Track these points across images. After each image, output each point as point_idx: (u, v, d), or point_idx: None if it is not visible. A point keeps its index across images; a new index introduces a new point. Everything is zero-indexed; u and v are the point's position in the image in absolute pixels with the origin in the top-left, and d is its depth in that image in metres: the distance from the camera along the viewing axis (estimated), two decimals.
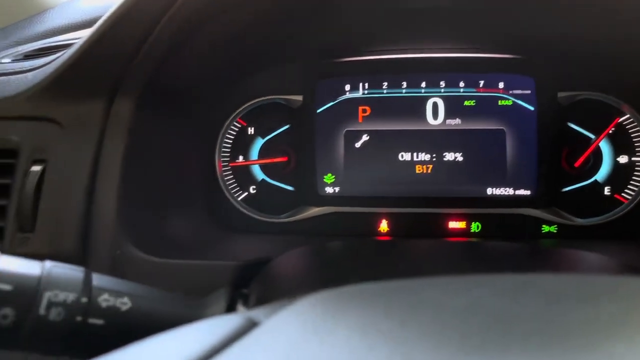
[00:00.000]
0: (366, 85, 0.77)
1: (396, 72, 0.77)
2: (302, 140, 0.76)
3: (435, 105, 0.77)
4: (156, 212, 0.64)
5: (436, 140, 0.76)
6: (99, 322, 0.36)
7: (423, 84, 0.77)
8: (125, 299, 0.38)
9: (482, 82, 0.77)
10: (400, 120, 0.77)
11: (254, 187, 0.77)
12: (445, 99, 0.77)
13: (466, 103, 0.77)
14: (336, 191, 0.77)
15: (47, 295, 0.35)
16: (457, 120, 0.77)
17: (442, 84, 0.77)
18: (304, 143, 0.76)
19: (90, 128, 0.58)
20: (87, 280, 0.37)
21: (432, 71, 0.77)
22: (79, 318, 0.36)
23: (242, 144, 0.77)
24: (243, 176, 0.77)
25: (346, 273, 0.31)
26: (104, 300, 0.37)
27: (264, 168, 0.77)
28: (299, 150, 0.77)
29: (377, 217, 0.76)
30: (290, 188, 0.77)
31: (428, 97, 0.77)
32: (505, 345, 0.21)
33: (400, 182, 0.76)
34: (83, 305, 0.36)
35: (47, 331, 0.35)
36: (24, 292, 0.35)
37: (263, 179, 0.77)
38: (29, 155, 0.59)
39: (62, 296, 0.36)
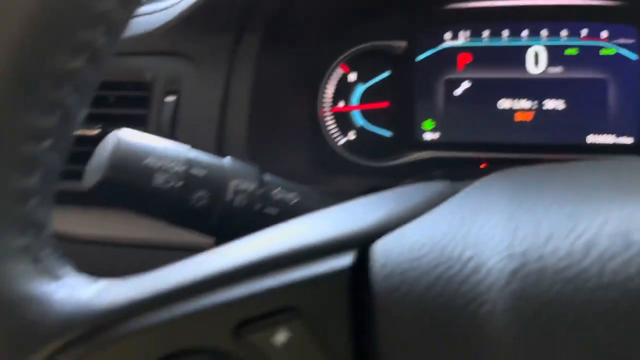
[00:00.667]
0: (467, 33, 0.81)
1: (498, 20, 0.80)
2: (403, 86, 0.81)
3: (536, 53, 0.80)
4: (274, 146, 0.69)
5: (536, 89, 0.79)
6: (273, 211, 0.42)
7: (524, 33, 0.80)
8: (294, 194, 0.43)
9: (584, 31, 0.79)
10: (501, 69, 0.80)
11: (354, 132, 0.82)
12: (546, 47, 0.80)
13: (568, 52, 0.79)
14: (436, 137, 0.81)
15: (233, 184, 0.41)
16: (558, 69, 0.79)
17: (544, 32, 0.80)
18: (404, 90, 0.81)
19: (219, 62, 0.64)
20: (261, 174, 0.43)
21: (534, 20, 0.80)
22: (257, 206, 0.41)
23: (343, 90, 0.81)
24: (343, 121, 0.82)
25: None
26: (277, 193, 0.42)
27: (363, 114, 0.82)
28: (399, 97, 0.81)
29: (477, 163, 0.79)
30: (389, 134, 0.81)
31: (529, 46, 0.80)
32: None
33: (499, 129, 0.79)
34: (260, 195, 0.42)
35: (233, 215, 0.41)
36: (215, 179, 0.40)
37: (362, 125, 0.82)
38: (163, 88, 0.65)
39: (244, 185, 0.41)
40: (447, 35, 0.81)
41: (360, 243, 0.26)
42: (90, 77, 0.25)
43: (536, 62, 0.80)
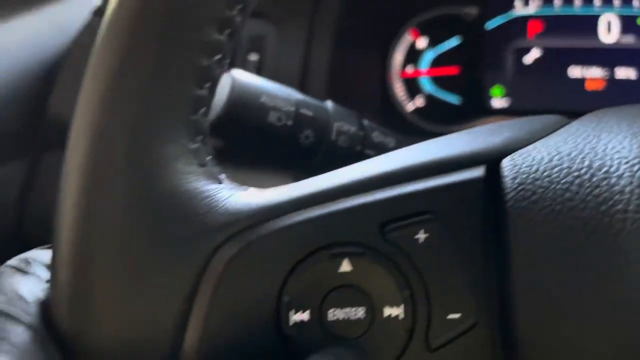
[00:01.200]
0: (538, 1, 0.82)
1: None
2: (472, 53, 0.82)
3: (608, 22, 0.81)
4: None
5: (608, 58, 0.80)
6: (372, 153, 0.45)
7: (596, 1, 0.81)
8: (391, 139, 0.46)
9: None
10: (572, 38, 0.81)
11: (422, 98, 0.84)
12: (619, 16, 0.80)
13: None
14: (505, 104, 0.82)
15: (336, 125, 0.44)
16: (631, 39, 0.80)
17: (616, 1, 0.80)
18: (473, 56, 0.82)
19: (300, 23, 0.67)
20: (360, 119, 0.46)
21: None
22: (358, 147, 0.45)
23: (412, 56, 0.84)
24: (412, 87, 0.84)
25: None
26: (375, 136, 0.46)
27: (432, 80, 0.84)
28: (468, 63, 0.83)
29: None
30: (458, 100, 0.84)
31: (601, 14, 0.81)
32: None
33: (570, 97, 0.81)
34: (361, 137, 0.45)
35: (336, 155, 0.44)
36: (320, 119, 0.44)
37: (431, 91, 0.84)
38: (245, 48, 0.68)
39: (346, 127, 0.44)
40: (518, 2, 0.82)
41: (490, 159, 0.29)
42: (253, 1, 0.29)
43: (608, 31, 0.80)
